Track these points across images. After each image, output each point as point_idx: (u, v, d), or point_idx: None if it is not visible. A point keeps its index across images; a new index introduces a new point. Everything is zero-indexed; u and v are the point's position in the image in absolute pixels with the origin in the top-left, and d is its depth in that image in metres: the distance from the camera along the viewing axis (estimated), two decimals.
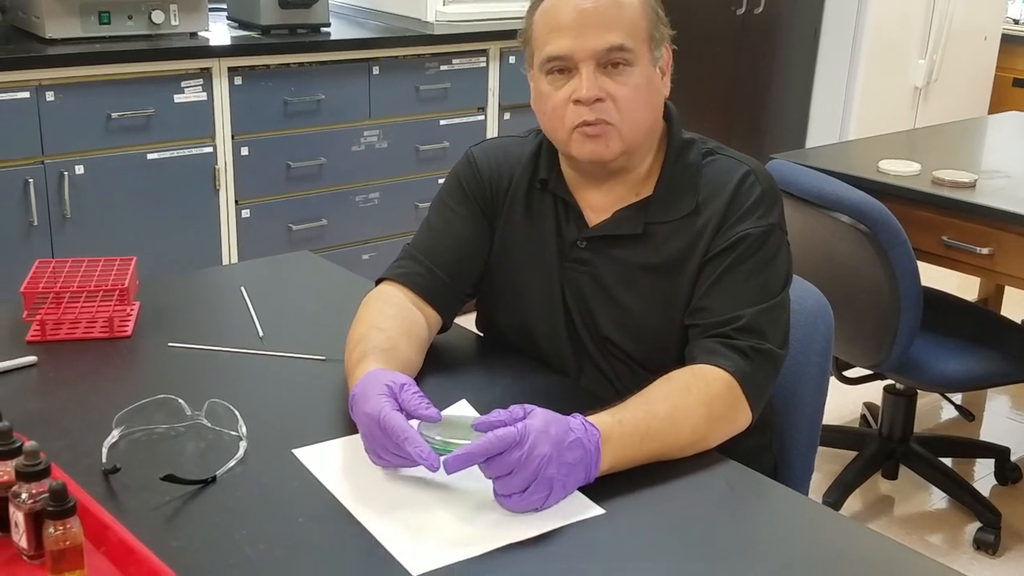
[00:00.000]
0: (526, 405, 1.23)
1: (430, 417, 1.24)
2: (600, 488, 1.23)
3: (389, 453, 1.23)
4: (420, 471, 1.24)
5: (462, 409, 1.41)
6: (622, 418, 1.28)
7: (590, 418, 1.26)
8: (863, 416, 3.29)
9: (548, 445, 1.18)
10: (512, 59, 3.74)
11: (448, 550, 1.13)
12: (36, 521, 1.05)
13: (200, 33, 3.22)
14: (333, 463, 1.29)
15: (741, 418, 1.40)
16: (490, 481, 1.20)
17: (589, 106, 1.43)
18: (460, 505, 1.21)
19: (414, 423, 1.24)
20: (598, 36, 1.42)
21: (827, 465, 2.96)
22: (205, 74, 3.13)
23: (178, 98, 3.10)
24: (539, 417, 1.21)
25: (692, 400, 1.35)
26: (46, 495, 1.03)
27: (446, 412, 1.28)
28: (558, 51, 1.44)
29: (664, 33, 1.50)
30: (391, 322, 1.48)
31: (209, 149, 3.19)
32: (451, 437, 1.21)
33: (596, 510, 1.21)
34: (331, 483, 1.24)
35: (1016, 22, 5.67)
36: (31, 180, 2.88)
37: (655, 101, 1.50)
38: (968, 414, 3.29)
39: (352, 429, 1.34)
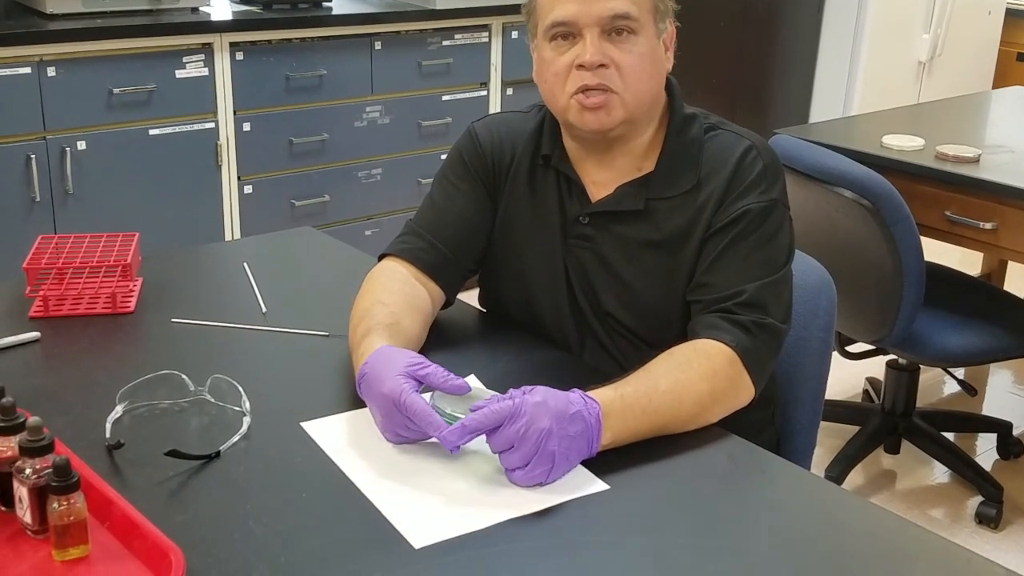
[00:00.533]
0: (527, 387, 1.23)
1: (460, 387, 1.25)
2: (603, 463, 1.24)
3: (408, 430, 1.24)
4: (426, 444, 1.25)
5: (470, 383, 1.40)
6: (623, 392, 1.28)
7: (591, 392, 1.26)
8: (866, 391, 3.30)
9: (547, 419, 1.18)
10: (515, 34, 3.72)
11: (451, 524, 1.13)
12: (40, 496, 1.05)
13: (201, 8, 3.20)
14: (340, 436, 1.29)
15: (743, 393, 1.40)
16: (496, 456, 1.21)
17: (592, 71, 1.43)
18: (465, 479, 1.21)
19: (425, 396, 1.24)
20: (603, 2, 1.42)
21: (829, 440, 2.96)
22: (207, 49, 3.12)
23: (180, 73, 3.09)
24: (538, 393, 1.21)
25: (694, 374, 1.35)
26: (50, 470, 1.03)
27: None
28: (563, 16, 1.43)
29: (669, 6, 1.50)
30: (395, 297, 1.48)
31: (211, 125, 3.18)
32: (461, 412, 1.22)
33: (600, 485, 1.21)
34: (337, 456, 1.25)
35: None
36: (33, 156, 2.88)
37: (658, 72, 1.50)
38: (970, 389, 3.29)
39: (357, 404, 1.34)
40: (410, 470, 1.23)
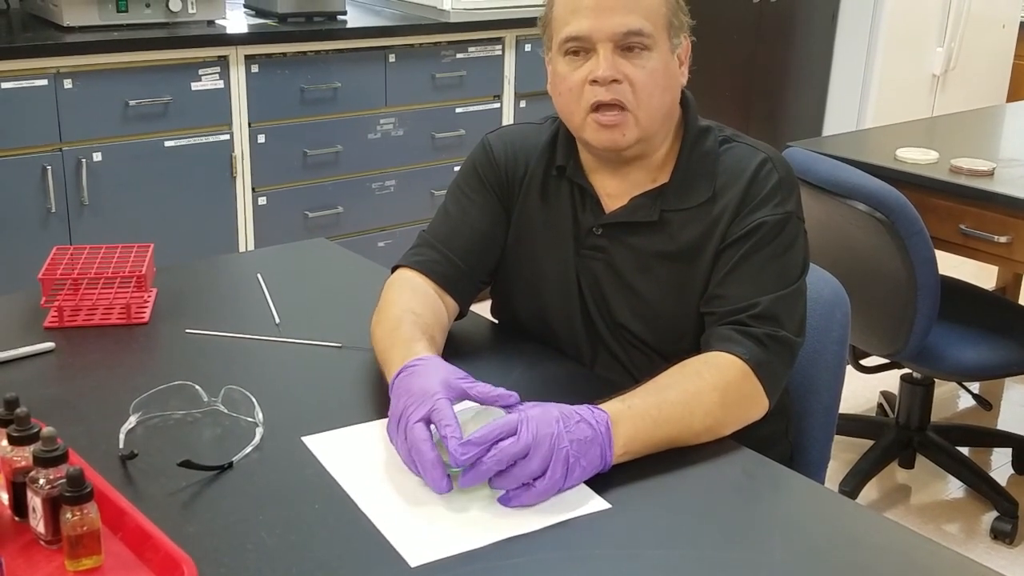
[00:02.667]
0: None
1: (510, 400, 1.23)
2: (608, 482, 1.22)
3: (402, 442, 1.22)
4: None
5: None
6: (632, 403, 1.28)
7: (599, 405, 1.26)
8: (880, 405, 3.29)
9: (553, 422, 1.19)
10: (528, 47, 3.73)
11: (448, 541, 1.12)
12: (53, 506, 1.05)
13: (217, 21, 3.22)
14: (342, 451, 1.28)
15: (757, 405, 1.40)
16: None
17: (605, 87, 1.43)
18: (463, 498, 1.20)
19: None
20: (617, 19, 1.42)
21: (844, 454, 2.95)
22: (222, 62, 3.13)
23: (195, 86, 3.10)
24: (536, 406, 1.22)
25: (704, 385, 1.34)
26: (63, 481, 1.03)
27: (461, 407, 1.26)
28: (577, 31, 1.44)
29: (683, 21, 1.50)
30: (424, 308, 1.48)
31: (226, 136, 3.20)
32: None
33: (602, 504, 1.19)
34: (338, 471, 1.24)
35: None
36: (49, 167, 2.89)
37: (672, 87, 1.50)
38: (985, 403, 3.28)
39: (368, 418, 1.34)
40: (409, 487, 1.21)
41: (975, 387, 3.44)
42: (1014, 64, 5.35)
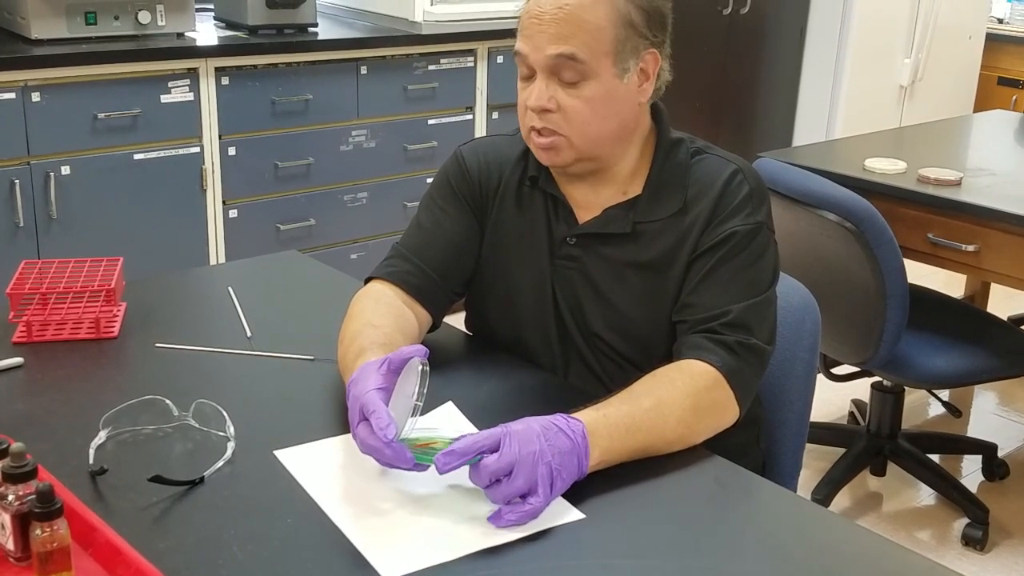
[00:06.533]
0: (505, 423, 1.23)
1: (415, 352, 1.24)
2: (578, 493, 1.22)
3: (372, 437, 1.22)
4: (399, 475, 1.24)
5: (447, 411, 1.40)
6: (607, 412, 1.28)
7: (574, 414, 1.26)
8: (851, 413, 3.30)
9: (535, 440, 1.18)
10: (500, 58, 3.74)
11: (423, 555, 1.12)
12: (23, 523, 1.04)
13: (187, 33, 3.21)
14: (314, 465, 1.28)
15: (728, 413, 1.41)
16: (466, 488, 1.19)
17: (537, 115, 1.46)
18: (437, 510, 1.20)
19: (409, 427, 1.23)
20: (550, 42, 1.43)
21: (815, 462, 2.96)
22: (192, 74, 3.12)
23: (165, 98, 3.09)
24: (519, 422, 1.21)
25: (677, 393, 1.35)
26: (33, 497, 1.03)
27: (429, 416, 1.26)
28: (520, 48, 1.47)
29: (639, 44, 1.47)
30: (385, 320, 1.48)
31: (196, 149, 3.18)
32: (430, 441, 1.20)
33: (576, 514, 1.20)
34: (311, 485, 1.24)
35: (1000, 21, 5.68)
36: (17, 181, 2.87)
37: (615, 112, 1.48)
38: (955, 410, 3.30)
39: (341, 430, 1.34)
40: (383, 500, 1.21)
41: (945, 395, 3.46)
42: (981, 75, 5.41)
